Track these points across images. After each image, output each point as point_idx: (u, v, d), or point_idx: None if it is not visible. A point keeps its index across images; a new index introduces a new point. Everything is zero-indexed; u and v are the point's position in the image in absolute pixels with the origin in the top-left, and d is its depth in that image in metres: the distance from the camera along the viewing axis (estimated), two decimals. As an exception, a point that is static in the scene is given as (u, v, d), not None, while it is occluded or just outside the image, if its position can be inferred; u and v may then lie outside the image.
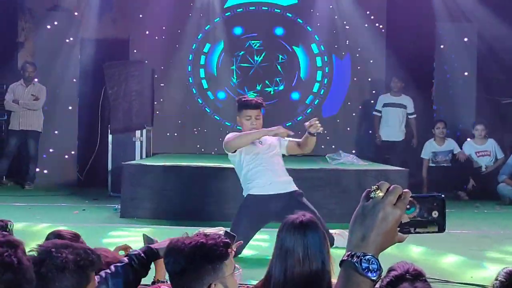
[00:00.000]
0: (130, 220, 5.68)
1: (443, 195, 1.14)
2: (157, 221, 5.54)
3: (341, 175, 6.03)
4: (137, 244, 2.87)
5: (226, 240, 1.76)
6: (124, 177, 6.02)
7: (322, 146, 8.21)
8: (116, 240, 4.83)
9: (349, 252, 1.10)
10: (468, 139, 8.39)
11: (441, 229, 1.13)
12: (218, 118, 9.24)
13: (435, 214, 1.13)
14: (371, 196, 1.12)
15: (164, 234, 3.57)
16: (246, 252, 4.27)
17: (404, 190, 1.11)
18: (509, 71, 8.63)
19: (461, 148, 8.25)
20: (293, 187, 4.56)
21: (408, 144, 8.61)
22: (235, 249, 2.26)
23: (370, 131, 9.02)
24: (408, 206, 1.11)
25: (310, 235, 2.32)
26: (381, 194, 1.10)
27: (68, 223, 5.05)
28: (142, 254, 2.16)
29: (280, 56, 9.26)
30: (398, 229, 1.11)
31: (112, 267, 2.10)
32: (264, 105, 4.68)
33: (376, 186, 1.11)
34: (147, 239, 2.73)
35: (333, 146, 8.44)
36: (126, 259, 2.14)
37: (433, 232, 1.14)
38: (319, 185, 5.79)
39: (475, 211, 6.96)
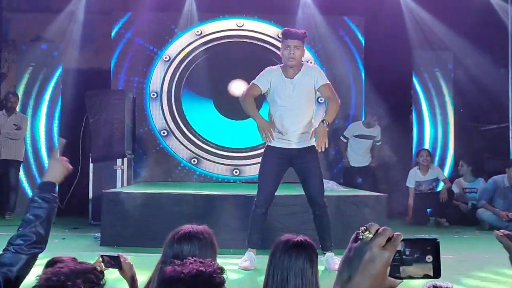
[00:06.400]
0: (110, 248, 5.64)
1: (437, 239, 1.05)
2: (137, 249, 5.50)
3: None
4: (115, 273, 2.86)
5: (220, 266, 1.77)
6: (104, 205, 6.00)
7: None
8: (95, 268, 4.80)
9: None
10: (457, 179, 8.43)
11: (436, 274, 1.03)
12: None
13: (429, 258, 1.03)
14: (359, 237, 1.05)
15: (145, 262, 3.55)
16: (235, 276, 4.30)
17: (396, 233, 1.04)
18: (486, 97, 8.67)
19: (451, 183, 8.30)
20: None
21: (377, 167, 8.69)
22: None
23: (337, 156, 9.00)
24: (398, 249, 1.05)
25: (301, 259, 2.25)
26: (370, 235, 1.04)
27: (48, 252, 4.97)
28: (40, 192, 2.47)
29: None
30: (389, 272, 1.03)
31: (29, 212, 2.43)
32: (305, 36, 4.73)
33: (365, 228, 1.05)
34: (107, 260, 2.72)
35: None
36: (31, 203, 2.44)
37: (427, 277, 1.04)
38: (298, 212, 5.79)
39: (455, 236, 7.02)
